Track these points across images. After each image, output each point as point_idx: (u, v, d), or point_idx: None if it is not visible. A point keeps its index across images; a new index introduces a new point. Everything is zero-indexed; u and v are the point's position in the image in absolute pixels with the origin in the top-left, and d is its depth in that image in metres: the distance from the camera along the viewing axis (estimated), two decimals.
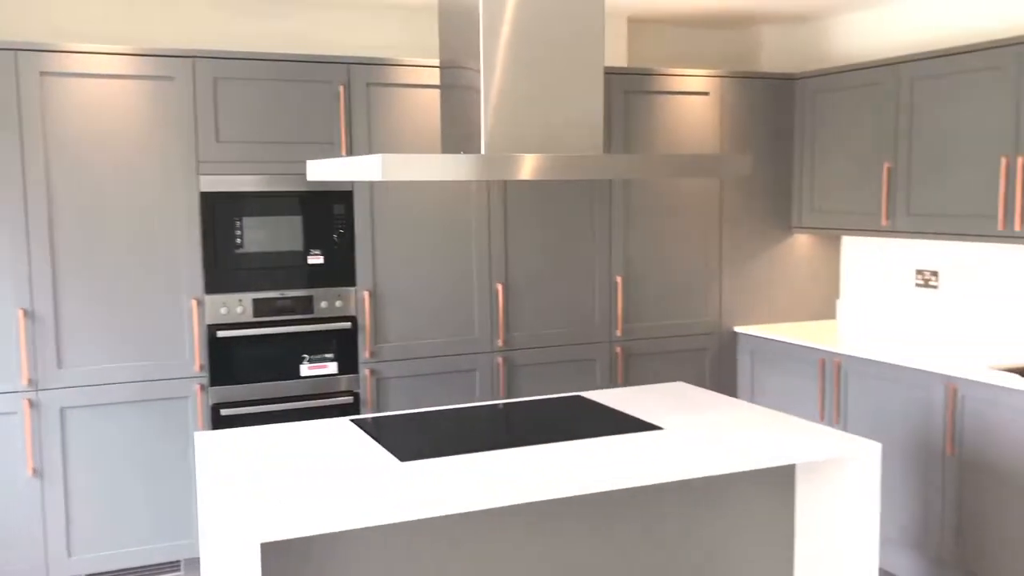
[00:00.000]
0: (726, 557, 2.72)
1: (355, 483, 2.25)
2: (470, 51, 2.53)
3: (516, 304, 4.18)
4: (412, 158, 2.11)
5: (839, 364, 4.05)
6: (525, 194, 4.15)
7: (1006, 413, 3.34)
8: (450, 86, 2.69)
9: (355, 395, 3.95)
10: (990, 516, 3.42)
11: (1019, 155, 3.58)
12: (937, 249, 4.32)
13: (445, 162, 2.15)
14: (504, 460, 2.42)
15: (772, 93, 4.58)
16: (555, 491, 2.22)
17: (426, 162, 2.12)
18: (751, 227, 4.61)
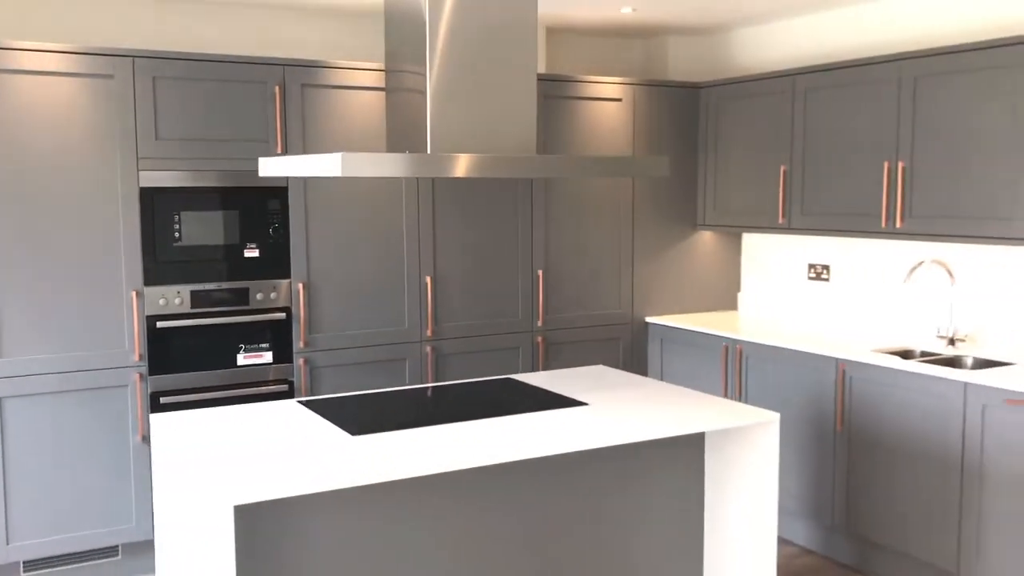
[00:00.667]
0: (644, 521, 3.01)
1: (315, 453, 2.45)
2: (416, 57, 2.75)
3: (444, 296, 4.41)
4: (370, 156, 2.32)
5: (741, 350, 4.41)
6: (452, 192, 4.38)
7: (888, 391, 3.73)
8: (396, 89, 2.90)
9: (289, 383, 4.12)
10: (876, 484, 3.81)
11: (900, 160, 3.99)
12: (828, 245, 4.73)
13: (398, 160, 2.37)
14: (447, 433, 2.66)
15: (679, 100, 4.93)
16: (498, 457, 2.46)
17: (382, 160, 2.34)
18: (660, 225, 4.95)
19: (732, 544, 3.02)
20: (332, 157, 2.33)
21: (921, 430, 3.61)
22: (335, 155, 2.32)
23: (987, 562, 3.40)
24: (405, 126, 2.85)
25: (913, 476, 3.65)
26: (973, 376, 3.41)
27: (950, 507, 3.52)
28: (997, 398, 3.34)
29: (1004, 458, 3.33)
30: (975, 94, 3.68)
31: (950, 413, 3.50)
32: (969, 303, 4.08)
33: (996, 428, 3.35)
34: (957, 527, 3.50)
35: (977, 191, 3.69)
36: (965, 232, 3.74)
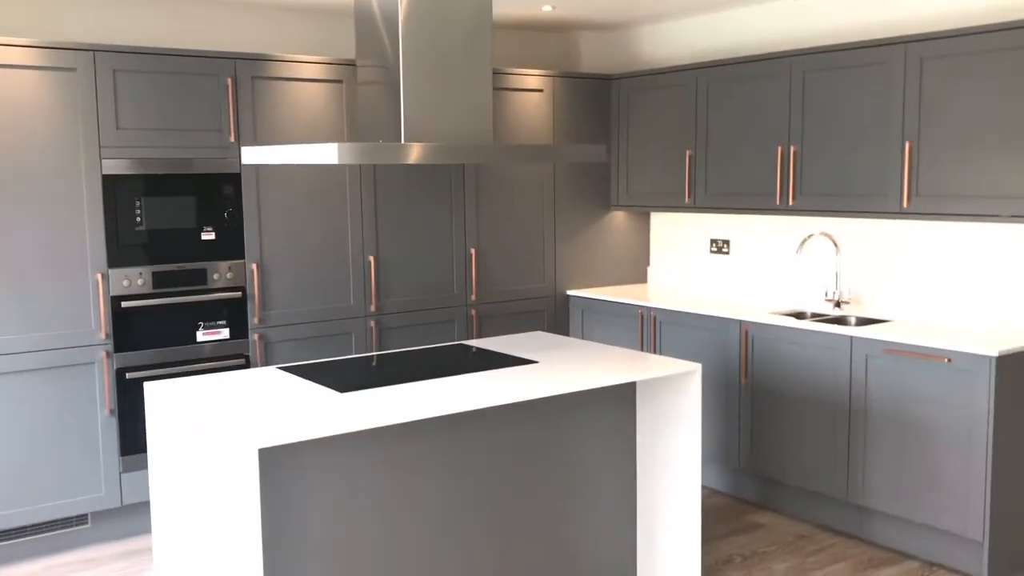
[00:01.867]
0: (586, 461, 3.46)
1: (316, 406, 2.80)
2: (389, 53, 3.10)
3: (385, 274, 4.76)
4: (363, 146, 2.68)
5: (655, 316, 4.92)
6: (393, 177, 4.73)
7: (786, 347, 4.29)
8: (367, 83, 3.25)
9: (246, 357, 4.40)
10: (776, 429, 4.38)
11: (791, 144, 4.54)
12: (727, 222, 5.29)
13: (388, 149, 2.73)
14: (426, 387, 3.04)
15: (593, 91, 5.39)
16: (480, 403, 2.86)
17: (373, 149, 2.70)
18: (577, 207, 5.41)
19: (662, 480, 3.50)
20: (328, 147, 2.67)
21: (814, 379, 4.18)
22: (331, 145, 2.66)
23: (870, 487, 4.00)
24: (376, 117, 3.20)
25: (808, 419, 4.22)
26: (857, 331, 3.99)
27: (840, 443, 4.10)
28: (877, 349, 3.92)
29: (883, 398, 3.92)
30: (855, 87, 4.25)
31: (839, 363, 4.07)
32: (852, 270, 4.69)
33: (877, 373, 3.94)
34: (846, 460, 4.08)
35: (858, 172, 4.27)
36: (848, 208, 4.32)
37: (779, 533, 4.19)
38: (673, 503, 3.47)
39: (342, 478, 2.88)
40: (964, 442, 3.67)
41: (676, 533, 3.47)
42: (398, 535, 3.02)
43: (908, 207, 4.09)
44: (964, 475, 3.68)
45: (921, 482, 3.82)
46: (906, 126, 4.07)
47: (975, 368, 3.61)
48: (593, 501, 3.49)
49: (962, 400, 3.66)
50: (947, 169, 3.94)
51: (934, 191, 4.00)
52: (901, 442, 3.88)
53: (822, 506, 4.27)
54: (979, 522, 3.64)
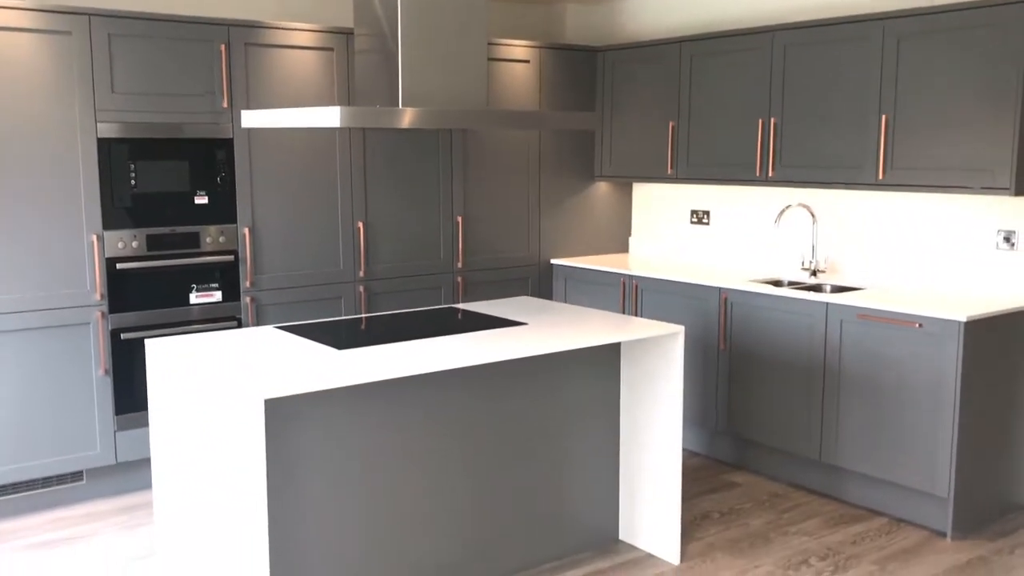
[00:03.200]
0: (572, 419, 3.59)
1: (317, 361, 2.90)
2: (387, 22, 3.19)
3: (374, 240, 4.85)
4: (363, 110, 2.77)
5: (637, 284, 5.05)
6: (382, 144, 4.81)
7: (764, 313, 4.44)
8: (364, 51, 3.33)
9: (238, 320, 4.49)
10: (753, 393, 4.54)
11: (772, 117, 4.67)
12: (708, 193, 5.42)
13: (387, 113, 2.82)
14: (420, 346, 3.15)
15: (579, 62, 5.48)
16: (476, 359, 2.97)
17: (373, 113, 2.79)
18: (562, 177, 5.52)
19: (644, 438, 3.64)
20: (331, 110, 2.76)
21: (791, 344, 4.33)
22: (332, 108, 2.75)
23: (842, 448, 4.17)
24: (373, 84, 3.28)
25: (784, 383, 4.38)
26: (832, 298, 4.15)
27: (814, 406, 4.26)
28: (851, 314, 4.08)
29: (856, 363, 4.08)
30: (835, 61, 4.38)
31: (814, 328, 4.23)
32: (828, 240, 4.84)
33: (851, 338, 4.09)
34: (819, 422, 4.25)
35: (836, 144, 4.41)
36: (826, 179, 4.46)
37: (755, 492, 4.36)
38: (655, 461, 3.62)
39: (341, 432, 3.00)
40: (932, 404, 3.84)
41: (657, 490, 3.62)
42: (391, 488, 3.14)
43: (883, 179, 4.23)
44: (932, 435, 3.85)
45: (891, 442, 3.99)
46: (883, 100, 4.21)
47: (944, 333, 3.77)
48: (578, 459, 3.63)
49: (931, 364, 3.83)
50: (921, 143, 4.09)
51: (908, 164, 4.14)
52: (872, 404, 4.04)
53: (796, 466, 4.44)
54: (945, 480, 3.82)
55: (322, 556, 3.00)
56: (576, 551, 3.67)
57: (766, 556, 3.68)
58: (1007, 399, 3.98)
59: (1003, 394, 3.95)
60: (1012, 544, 3.80)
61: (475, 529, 3.37)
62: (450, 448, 3.27)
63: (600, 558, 3.65)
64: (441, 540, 3.29)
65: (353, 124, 2.78)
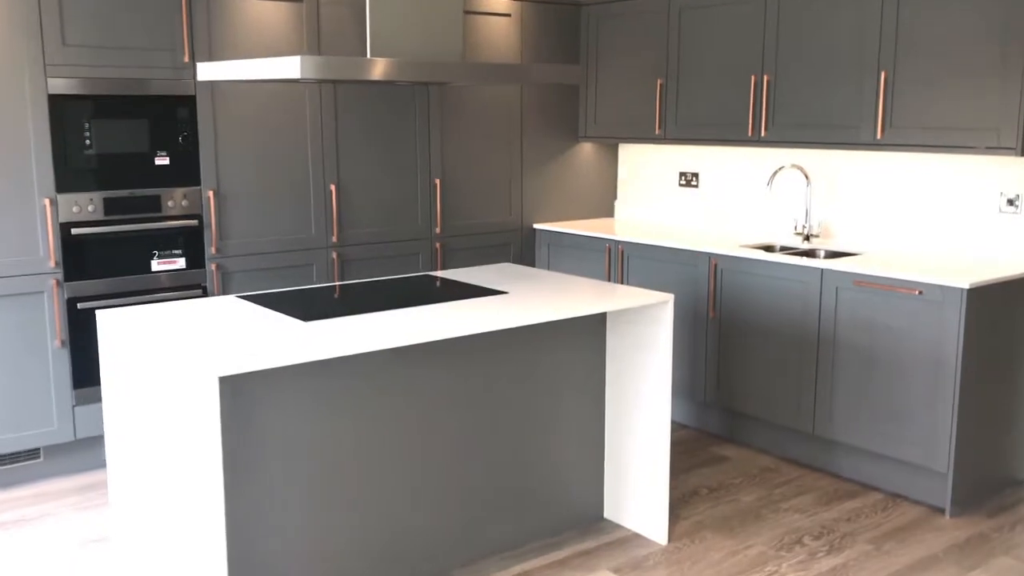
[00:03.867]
0: (557, 391, 3.40)
1: (278, 334, 2.69)
2: None
3: (347, 204, 4.62)
4: (326, 60, 2.53)
5: (622, 250, 4.84)
6: (355, 101, 4.56)
7: (755, 279, 4.24)
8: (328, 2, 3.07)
9: (203, 288, 4.26)
10: (744, 362, 4.35)
11: (765, 74, 4.45)
12: (697, 153, 5.20)
13: (353, 64, 2.58)
14: (391, 317, 2.94)
15: (562, 17, 5.23)
16: (451, 332, 2.77)
17: (337, 63, 2.55)
18: (545, 137, 5.28)
19: (631, 411, 3.46)
20: (290, 60, 2.52)
21: (783, 312, 4.14)
22: (292, 58, 2.51)
23: (837, 420, 4.00)
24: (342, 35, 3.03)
25: (776, 353, 4.20)
26: (827, 264, 3.95)
27: (807, 377, 4.08)
28: (847, 281, 3.89)
29: (853, 331, 3.90)
30: (831, 14, 4.15)
31: (808, 296, 4.04)
32: (823, 203, 4.64)
33: (846, 306, 3.91)
34: (813, 393, 4.07)
35: (832, 102, 4.20)
36: (821, 139, 4.25)
37: (745, 466, 4.20)
38: (642, 435, 3.43)
39: (306, 410, 2.79)
40: (932, 375, 3.66)
41: (644, 465, 3.44)
42: (362, 467, 2.94)
43: (882, 138, 4.03)
44: (931, 408, 3.68)
45: (887, 415, 3.82)
46: (882, 55, 3.99)
47: (946, 300, 3.59)
48: (561, 434, 3.44)
49: (932, 333, 3.65)
50: (922, 100, 3.88)
51: (908, 123, 3.94)
52: (868, 375, 3.87)
53: (788, 439, 4.27)
54: (944, 454, 3.66)
55: (287, 545, 2.81)
56: (559, 530, 3.49)
57: (757, 535, 3.51)
58: (1008, 369, 3.81)
59: (1004, 364, 3.78)
60: (1013, 520, 3.65)
61: (454, 509, 3.18)
62: (426, 424, 3.07)
63: (584, 538, 3.47)
64: (418, 521, 3.10)
65: (315, 75, 2.55)
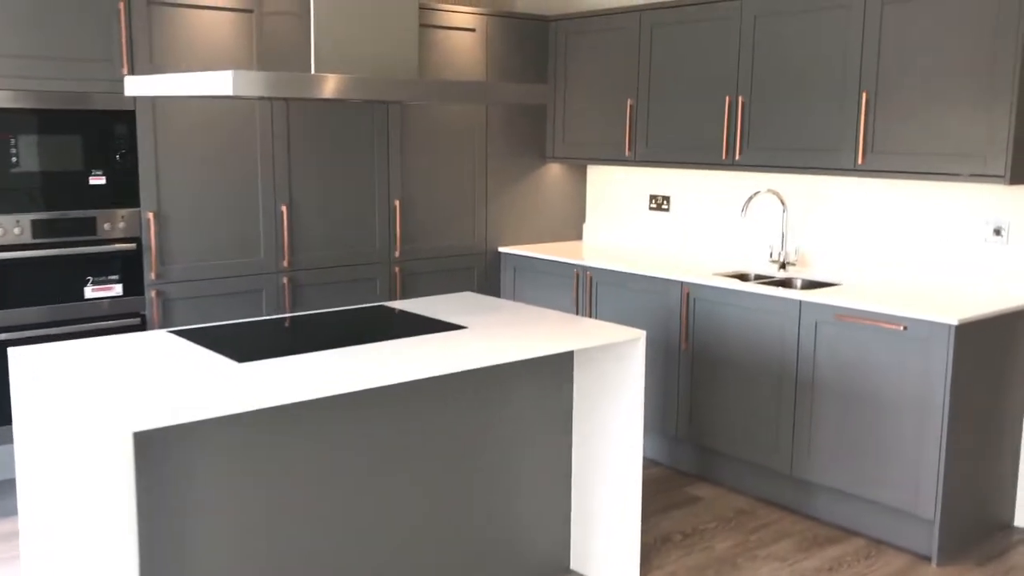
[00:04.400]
0: (518, 435, 3.14)
1: (206, 379, 2.41)
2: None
3: (300, 226, 4.35)
4: (264, 76, 2.27)
5: (591, 276, 4.61)
6: (307, 118, 4.30)
7: (730, 311, 4.02)
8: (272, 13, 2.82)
9: (142, 316, 3.96)
10: (718, 398, 4.13)
11: (739, 95, 4.24)
12: (668, 176, 4.98)
13: (296, 80, 2.32)
14: (336, 357, 2.67)
15: (529, 33, 5.00)
16: (396, 377, 2.50)
17: (278, 80, 2.29)
18: (511, 157, 5.04)
19: (599, 455, 3.21)
20: (221, 76, 2.26)
21: (759, 346, 3.92)
22: (224, 73, 2.25)
23: (816, 461, 3.78)
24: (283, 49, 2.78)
25: (752, 388, 3.97)
26: (807, 295, 3.74)
27: (784, 414, 3.86)
28: (828, 314, 3.68)
29: (833, 367, 3.69)
30: (810, 32, 3.96)
31: (786, 328, 3.82)
32: (799, 230, 4.44)
33: (827, 340, 3.70)
34: (791, 431, 3.85)
35: (811, 125, 4.00)
36: (799, 164, 4.04)
37: (719, 508, 3.96)
38: (611, 481, 3.19)
39: (237, 463, 2.51)
40: (918, 415, 3.46)
41: (614, 513, 3.19)
42: (304, 524, 2.67)
43: (863, 163, 3.83)
44: (917, 450, 3.47)
45: (870, 456, 3.61)
46: (863, 76, 3.80)
47: (933, 337, 3.38)
48: (525, 479, 3.18)
49: (917, 370, 3.44)
50: (906, 123, 3.69)
51: (891, 147, 3.74)
52: (850, 414, 3.66)
53: (764, 479, 4.04)
54: (931, 499, 3.45)
55: None
56: None
57: None
58: (994, 407, 3.61)
59: (991, 403, 3.58)
60: (1003, 569, 3.44)
61: (410, 562, 2.91)
62: (375, 474, 2.80)
63: None
64: None
65: (251, 93, 2.29)
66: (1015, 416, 3.71)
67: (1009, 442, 3.72)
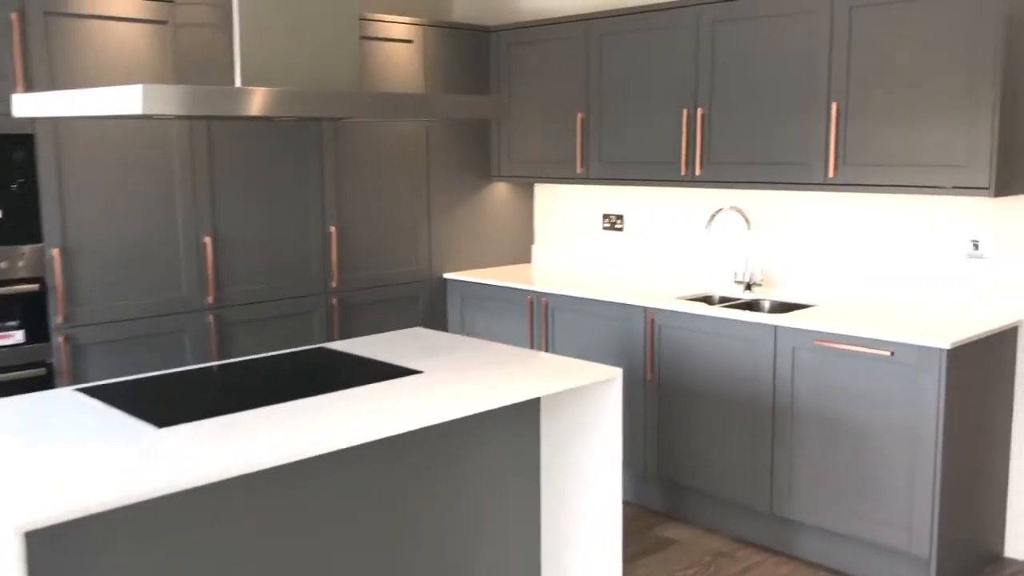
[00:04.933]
0: (479, 491, 2.80)
1: (120, 455, 2.02)
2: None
3: (226, 258, 3.94)
4: (180, 90, 1.90)
5: (547, 303, 4.29)
6: (232, 140, 3.90)
7: (697, 337, 3.74)
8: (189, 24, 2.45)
9: (48, 366, 3.52)
10: (689, 432, 3.84)
11: (698, 106, 3.98)
12: (621, 194, 4.70)
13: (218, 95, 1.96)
14: (273, 417, 2.30)
15: (469, 44, 4.69)
16: (343, 441, 2.14)
17: (196, 95, 1.92)
18: (454, 177, 4.71)
19: (572, 506, 2.89)
20: (129, 91, 1.88)
21: (733, 374, 3.65)
22: (133, 88, 1.87)
23: (799, 498, 3.51)
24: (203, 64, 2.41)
25: (726, 420, 3.69)
26: (783, 319, 3.48)
27: (762, 447, 3.59)
28: (806, 339, 3.42)
29: (813, 397, 3.43)
30: (774, 39, 3.72)
31: (761, 356, 3.55)
32: (765, 249, 4.19)
33: (806, 367, 3.44)
34: (769, 466, 3.58)
35: (777, 138, 3.75)
36: (765, 179, 3.79)
37: (695, 551, 3.66)
38: (586, 534, 2.86)
39: (162, 544, 2.12)
40: (908, 447, 3.21)
41: (589, 569, 2.86)
42: None
43: (834, 177, 3.59)
44: (909, 484, 3.22)
45: (857, 492, 3.35)
46: (833, 85, 3.57)
47: (921, 362, 3.14)
48: (490, 538, 2.84)
49: (906, 399, 3.20)
50: (880, 134, 3.46)
51: (865, 159, 3.51)
52: (834, 447, 3.40)
53: (743, 518, 3.76)
54: (925, 537, 3.20)
55: None
56: None
57: None
58: (983, 434, 3.39)
59: (980, 429, 3.36)
60: None
61: None
62: (320, 548, 2.43)
63: None
64: None
65: (164, 110, 1.91)
66: (1002, 441, 3.50)
67: (998, 469, 3.50)
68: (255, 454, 2.02)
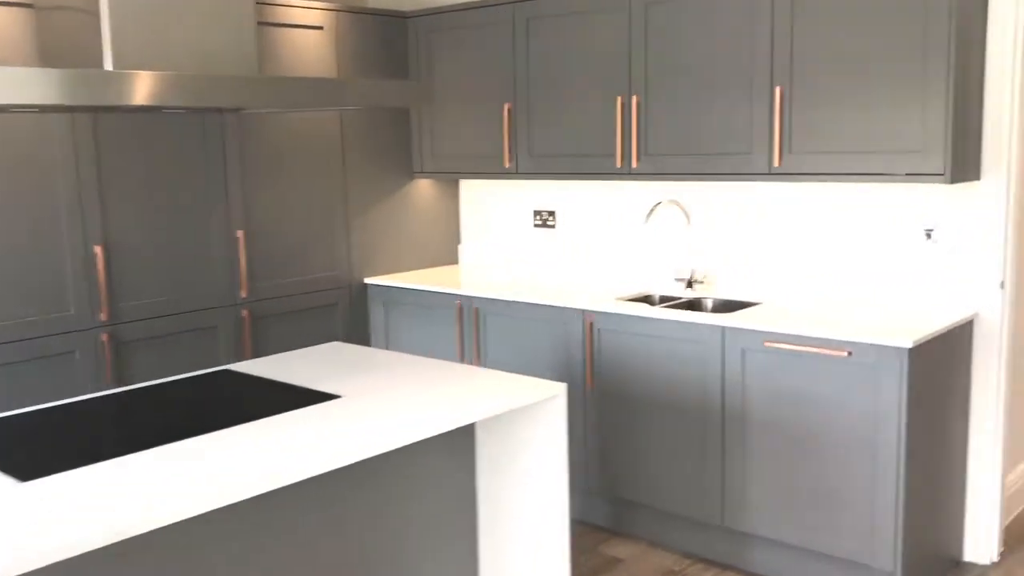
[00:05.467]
0: (411, 526, 2.50)
1: None
2: None
3: (120, 269, 3.55)
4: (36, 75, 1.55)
5: (477, 308, 3.99)
6: (121, 138, 3.51)
7: (638, 341, 3.49)
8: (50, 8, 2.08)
9: None
10: (632, 442, 3.59)
11: (634, 94, 3.73)
12: (552, 188, 4.43)
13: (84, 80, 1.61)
14: (164, 461, 1.95)
15: (386, 31, 4.36)
16: (238, 493, 1.82)
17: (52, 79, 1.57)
18: (373, 174, 4.38)
19: (514, 538, 2.60)
20: None
21: (678, 380, 3.41)
22: None
23: (752, 509, 3.29)
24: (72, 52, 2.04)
25: (673, 429, 3.45)
26: (731, 319, 3.25)
27: (712, 458, 3.36)
28: (756, 341, 3.20)
29: (766, 401, 3.21)
30: (712, 20, 3.48)
31: (708, 360, 3.32)
32: (706, 244, 3.96)
33: (756, 370, 3.21)
34: (720, 476, 3.35)
35: (717, 126, 3.52)
36: (706, 170, 3.56)
37: (643, 569, 3.42)
38: (530, 563, 2.58)
39: None
40: (869, 452, 3.01)
41: None
42: None
43: (780, 166, 3.38)
44: (870, 492, 3.02)
45: (815, 501, 3.14)
46: (776, 68, 3.35)
47: (881, 362, 2.94)
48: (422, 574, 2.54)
49: (865, 401, 2.99)
50: (829, 120, 3.25)
51: (812, 147, 3.30)
52: (788, 454, 3.18)
53: (692, 532, 3.53)
54: (889, 548, 3.00)
55: None
56: None
57: None
58: (942, 436, 3.22)
59: (939, 431, 3.19)
60: None
61: None
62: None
63: None
64: None
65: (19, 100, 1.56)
66: (960, 440, 3.34)
67: (956, 471, 3.33)
68: (137, 514, 1.68)
